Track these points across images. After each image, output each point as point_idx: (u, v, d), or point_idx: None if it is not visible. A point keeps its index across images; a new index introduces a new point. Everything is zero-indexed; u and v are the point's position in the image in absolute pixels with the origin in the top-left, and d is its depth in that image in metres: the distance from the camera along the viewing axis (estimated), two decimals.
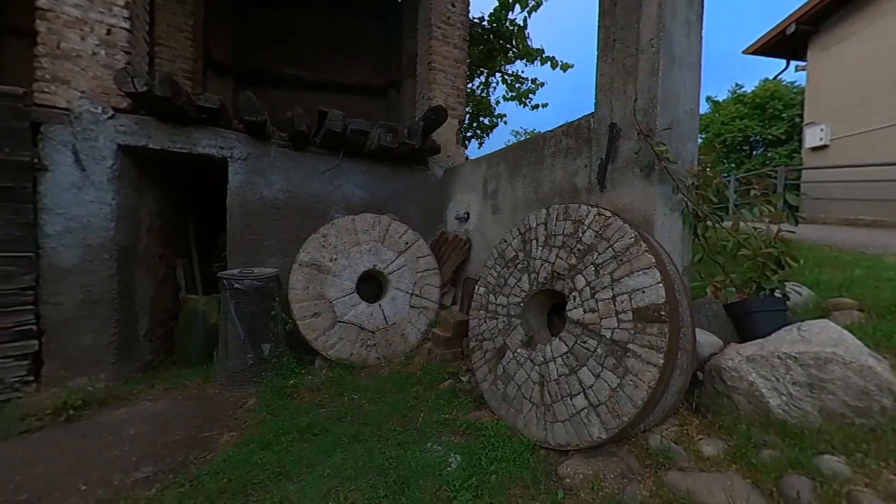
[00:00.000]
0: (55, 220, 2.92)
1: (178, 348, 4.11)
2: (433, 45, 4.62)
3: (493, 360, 2.57)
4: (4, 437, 2.38)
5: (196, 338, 4.03)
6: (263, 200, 3.69)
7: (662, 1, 2.11)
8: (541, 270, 2.39)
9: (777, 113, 15.56)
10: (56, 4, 2.92)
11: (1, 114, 2.69)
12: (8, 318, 2.76)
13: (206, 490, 1.84)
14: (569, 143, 2.78)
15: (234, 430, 2.51)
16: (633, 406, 1.65)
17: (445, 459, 1.98)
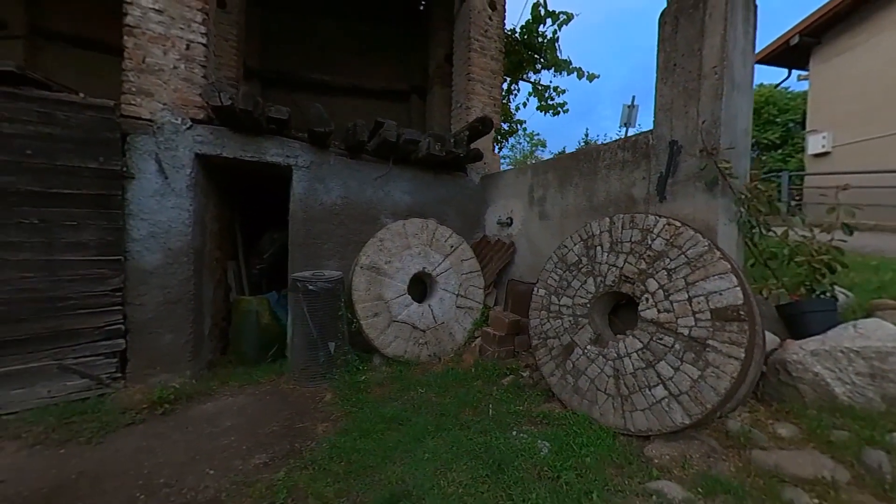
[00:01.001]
0: (140, 226, 3.10)
1: (233, 347, 4.29)
2: (472, 57, 4.84)
3: (560, 357, 2.80)
4: (113, 428, 2.55)
5: (250, 337, 4.22)
6: (323, 206, 3.88)
7: (726, 33, 2.36)
8: (608, 274, 2.63)
9: (771, 118, 15.92)
10: (142, 21, 3.09)
11: (95, 125, 2.86)
12: (100, 318, 2.93)
13: (331, 472, 2.05)
14: (625, 156, 3.02)
15: (326, 421, 2.71)
16: (715, 395, 1.90)
17: (534, 445, 2.20)
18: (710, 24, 2.44)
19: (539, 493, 1.79)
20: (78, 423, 2.55)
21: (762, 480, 1.64)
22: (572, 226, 3.45)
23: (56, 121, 2.72)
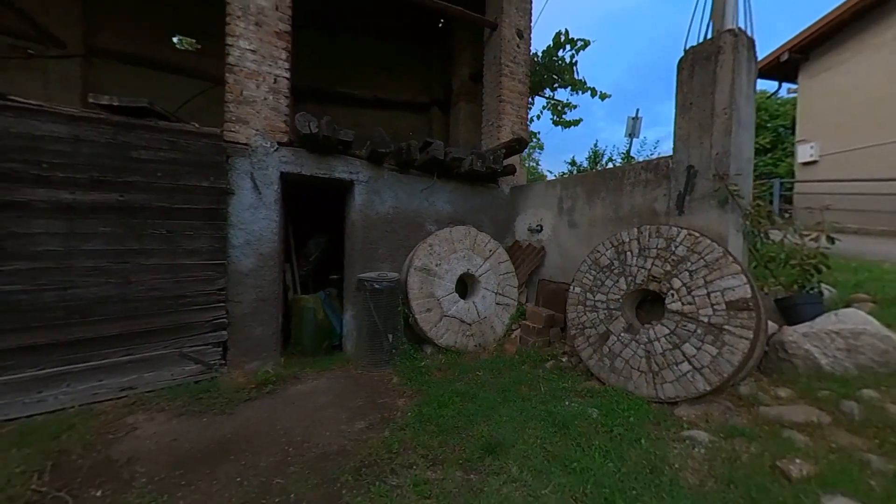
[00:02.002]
0: (238, 234, 3.63)
1: (294, 340, 4.82)
2: (503, 81, 5.42)
3: (597, 343, 3.38)
4: (235, 403, 3.08)
5: (308, 331, 4.77)
6: (378, 215, 4.43)
7: (733, 82, 2.97)
8: (637, 275, 3.22)
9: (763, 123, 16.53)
10: (241, 61, 3.63)
11: (207, 150, 3.40)
12: (209, 313, 3.46)
13: (426, 431, 2.60)
14: (648, 176, 3.62)
15: (402, 397, 3.27)
16: (731, 366, 2.49)
17: (586, 411, 2.78)
18: (721, 73, 3.04)
19: (599, 441, 2.36)
20: (206, 399, 3.08)
21: (767, 427, 2.24)
22: (599, 233, 4.05)
23: (179, 147, 3.25)
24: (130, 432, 2.62)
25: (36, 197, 2.73)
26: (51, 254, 2.79)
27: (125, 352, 3.09)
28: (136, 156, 3.08)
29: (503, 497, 1.88)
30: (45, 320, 2.78)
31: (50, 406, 2.78)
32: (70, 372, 2.87)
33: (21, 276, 2.70)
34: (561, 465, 2.15)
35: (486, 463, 2.20)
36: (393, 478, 2.09)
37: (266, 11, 3.74)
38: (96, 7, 6.68)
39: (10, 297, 2.66)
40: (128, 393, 3.08)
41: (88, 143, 2.90)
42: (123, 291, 3.06)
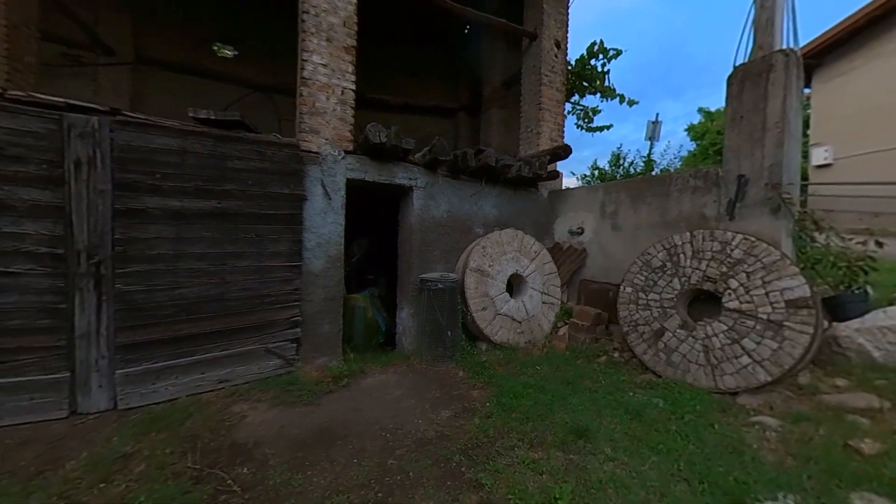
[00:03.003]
0: (311, 238, 3.87)
1: (346, 338, 5.07)
2: (542, 90, 5.67)
3: (651, 339, 3.64)
4: (319, 395, 3.32)
5: (359, 328, 5.03)
6: (433, 219, 4.68)
7: (785, 98, 3.21)
8: (692, 275, 3.47)
9: None
10: (314, 74, 3.88)
11: (287, 159, 3.64)
12: (287, 312, 3.70)
13: (512, 418, 2.85)
14: (697, 183, 3.86)
15: (475, 389, 3.51)
16: (791, 359, 2.74)
17: (651, 401, 3.03)
18: (773, 90, 3.29)
19: (674, 427, 2.61)
20: (293, 391, 3.32)
21: (830, 412, 2.49)
22: (645, 237, 4.30)
23: (265, 157, 3.49)
24: (241, 420, 2.86)
25: (151, 204, 2.97)
26: (162, 257, 3.03)
27: (222, 347, 3.33)
28: (232, 165, 3.32)
29: (607, 473, 2.13)
30: (158, 318, 3.02)
31: (162, 396, 3.03)
32: (178, 365, 3.11)
33: (138, 278, 2.94)
34: (647, 447, 2.40)
35: (580, 445, 2.45)
36: (501, 458, 2.34)
37: (336, 28, 3.98)
38: (143, 17, 6.91)
39: (130, 297, 2.91)
40: (224, 385, 3.32)
41: (193, 155, 3.14)
42: (221, 291, 3.31)
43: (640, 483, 2.03)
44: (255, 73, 8.10)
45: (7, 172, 2.53)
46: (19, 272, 2.59)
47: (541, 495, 1.93)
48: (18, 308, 2.58)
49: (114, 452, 2.33)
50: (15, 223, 2.57)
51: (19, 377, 2.58)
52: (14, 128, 2.55)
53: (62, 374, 2.72)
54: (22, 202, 2.58)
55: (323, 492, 2.04)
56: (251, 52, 8.04)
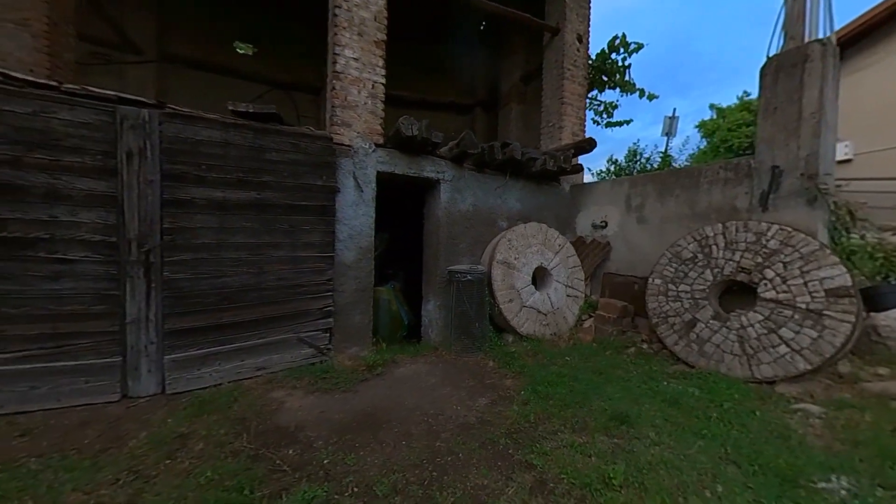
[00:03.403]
0: (342, 229, 3.94)
1: (372, 329, 5.14)
2: (564, 84, 5.68)
3: (682, 330, 3.65)
4: (355, 383, 3.38)
5: (385, 320, 5.10)
6: (460, 212, 4.72)
7: (822, 88, 3.20)
8: (725, 267, 3.47)
9: None
10: (346, 68, 3.93)
11: (321, 151, 3.70)
12: (320, 302, 3.77)
13: (550, 405, 2.88)
14: (727, 175, 3.86)
15: (507, 378, 3.55)
16: (832, 347, 2.74)
17: (687, 390, 3.05)
18: (809, 80, 3.28)
19: (715, 414, 2.63)
20: (328, 379, 3.39)
21: (874, 399, 2.49)
22: (673, 229, 4.30)
23: (300, 149, 3.56)
24: (281, 405, 2.93)
25: (196, 195, 3.05)
26: (206, 246, 3.11)
27: (259, 335, 3.41)
28: (269, 157, 3.39)
29: (656, 456, 2.16)
30: (203, 306, 3.10)
31: (206, 382, 3.11)
32: (220, 352, 3.19)
33: (185, 266, 3.02)
34: (690, 433, 2.42)
35: (623, 430, 2.48)
36: (546, 442, 2.38)
37: (367, 22, 4.03)
38: (167, 15, 7.03)
39: (177, 285, 2.99)
40: (261, 372, 3.40)
41: (235, 147, 3.21)
42: (258, 280, 3.38)
43: (690, 465, 2.06)
44: (274, 71, 8.20)
45: (65, 163, 2.62)
46: (75, 259, 2.68)
47: (593, 475, 1.96)
48: (75, 294, 2.67)
49: (171, 432, 2.41)
50: (72, 212, 2.66)
51: (76, 361, 2.68)
52: (71, 119, 2.63)
53: (115, 359, 2.81)
54: (78, 192, 2.66)
55: (378, 470, 2.10)
56: (270, 50, 8.14)
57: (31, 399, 2.55)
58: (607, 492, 1.85)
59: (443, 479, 2.03)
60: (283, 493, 1.88)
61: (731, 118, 20.63)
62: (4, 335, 2.50)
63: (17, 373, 2.52)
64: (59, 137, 2.60)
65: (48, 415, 2.54)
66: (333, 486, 1.94)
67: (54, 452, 2.13)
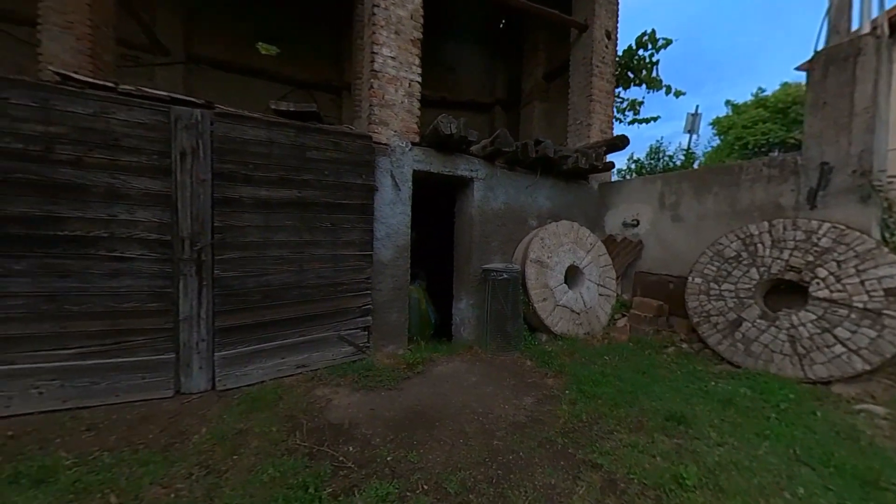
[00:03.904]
0: (380, 228, 3.94)
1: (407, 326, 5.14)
2: (593, 81, 5.63)
3: (726, 330, 3.59)
4: (398, 380, 3.38)
5: (415, 319, 5.09)
6: (492, 211, 4.71)
7: (876, 81, 3.13)
8: (772, 265, 3.41)
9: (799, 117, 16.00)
10: (383, 67, 3.94)
11: (360, 150, 3.71)
12: (359, 300, 3.78)
13: (599, 404, 2.85)
14: (771, 172, 3.79)
15: (548, 377, 3.53)
16: (894, 347, 2.67)
17: (737, 390, 3.00)
18: (861, 73, 3.20)
19: (773, 415, 2.58)
20: (371, 377, 3.39)
21: None
22: (711, 227, 4.23)
23: (340, 148, 3.57)
24: (328, 402, 2.95)
25: (244, 194, 3.08)
26: (253, 244, 3.14)
27: (300, 333, 3.43)
28: (310, 156, 3.41)
29: (722, 457, 2.13)
30: (249, 303, 3.13)
31: (252, 379, 3.14)
32: (264, 349, 3.22)
33: (233, 264, 3.05)
34: (752, 433, 2.38)
35: (681, 430, 2.45)
36: (604, 442, 2.36)
37: (404, 21, 4.03)
38: (194, 17, 7.11)
39: (226, 283, 3.02)
40: (302, 370, 3.42)
41: (278, 146, 3.23)
42: (299, 278, 3.40)
43: (762, 466, 2.02)
44: (296, 71, 8.26)
45: (123, 162, 2.66)
46: (133, 257, 2.72)
47: (665, 475, 1.94)
48: (132, 291, 2.71)
49: (231, 429, 2.43)
50: (129, 211, 2.70)
51: (134, 357, 2.72)
52: (128, 120, 2.67)
53: (169, 356, 2.84)
54: (136, 191, 2.70)
55: (443, 468, 2.10)
56: (292, 51, 8.20)
57: (91, 394, 2.60)
58: (682, 492, 1.82)
59: (509, 478, 2.02)
60: (354, 490, 1.88)
61: (746, 115, 20.18)
62: (67, 332, 2.54)
63: (79, 369, 2.57)
64: (117, 137, 2.64)
65: (109, 410, 2.58)
66: (403, 483, 1.94)
67: (124, 447, 2.16)
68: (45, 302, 2.49)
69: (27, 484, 1.78)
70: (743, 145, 18.82)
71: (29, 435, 2.21)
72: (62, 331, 2.53)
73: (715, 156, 19.16)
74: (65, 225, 2.54)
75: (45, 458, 1.97)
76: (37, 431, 2.25)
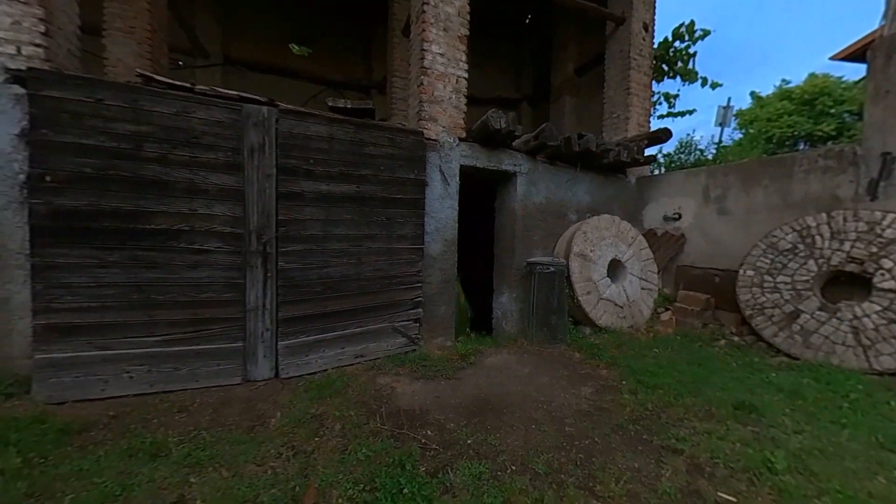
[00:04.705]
0: (430, 222, 4.01)
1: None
2: (631, 74, 5.60)
3: (783, 322, 3.56)
4: (454, 370, 3.45)
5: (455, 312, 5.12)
6: (534, 205, 4.74)
7: None
8: (831, 257, 3.36)
9: (826, 109, 15.30)
10: (433, 64, 4.00)
11: (413, 146, 3.78)
12: (411, 292, 3.87)
13: (662, 394, 2.86)
14: (827, 163, 3.73)
15: (603, 368, 3.55)
16: None
17: (800, 381, 2.98)
18: None
19: (845, 404, 2.56)
20: (428, 367, 3.47)
21: None
22: (762, 220, 4.18)
23: (395, 144, 3.65)
24: (393, 390, 3.03)
25: (306, 188, 3.18)
26: (314, 237, 3.24)
27: (358, 324, 3.52)
28: (367, 152, 3.50)
29: (804, 443, 2.13)
30: (311, 295, 3.24)
31: (313, 368, 3.25)
32: (325, 339, 3.33)
33: (296, 256, 3.16)
34: (828, 422, 2.37)
35: (753, 418, 2.45)
36: (677, 429, 2.38)
37: (452, 18, 4.09)
38: (230, 21, 7.31)
39: (289, 274, 3.13)
40: (360, 360, 3.52)
41: (338, 142, 3.33)
42: (357, 271, 3.50)
43: (847, 452, 2.02)
44: (326, 70, 8.41)
45: (202, 159, 2.78)
46: (210, 250, 2.84)
47: (753, 459, 1.96)
48: (210, 282, 2.84)
49: (304, 413, 2.53)
50: (208, 205, 2.82)
51: (211, 344, 2.85)
52: (206, 118, 2.79)
53: (238, 344, 2.97)
54: (213, 186, 2.83)
55: (523, 451, 2.15)
56: (323, 51, 8.35)
57: (175, 379, 2.74)
58: (773, 476, 1.84)
59: (592, 461, 2.06)
60: (447, 469, 1.95)
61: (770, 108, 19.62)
62: (154, 320, 2.68)
63: (164, 355, 2.71)
64: (197, 135, 2.77)
65: (192, 394, 2.71)
66: (490, 464, 2.01)
67: (218, 427, 2.28)
68: (134, 291, 2.63)
69: (144, 458, 1.90)
70: (768, 138, 18.32)
71: (129, 415, 2.34)
72: (149, 319, 2.67)
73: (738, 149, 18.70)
74: (152, 219, 2.68)
75: (152, 435, 2.09)
76: (134, 412, 2.39)
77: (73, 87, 2.44)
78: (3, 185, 2.35)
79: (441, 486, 1.79)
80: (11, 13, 2.34)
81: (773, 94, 20.19)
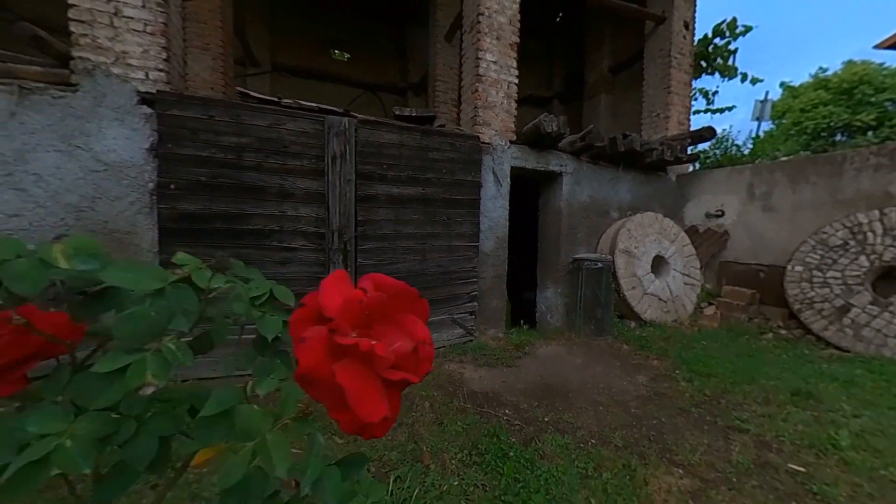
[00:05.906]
0: (483, 221, 4.26)
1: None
2: (671, 73, 5.68)
3: (833, 316, 3.66)
4: (511, 359, 3.70)
5: None
6: (579, 203, 4.92)
7: None
8: (884, 253, 3.44)
9: (866, 98, 14.63)
10: (486, 71, 4.23)
11: (471, 149, 4.03)
12: (468, 287, 4.13)
13: (714, 382, 3.03)
14: (880, 160, 3.78)
15: (654, 359, 3.73)
16: None
17: (854, 371, 3.10)
18: None
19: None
20: (488, 356, 3.73)
21: None
22: (809, 217, 4.25)
23: (455, 148, 3.91)
24: (461, 375, 3.30)
25: (380, 191, 3.48)
26: (386, 236, 3.54)
27: None
28: (431, 156, 3.77)
29: (864, 426, 2.29)
30: None
31: None
32: None
33: (371, 254, 3.47)
34: (885, 408, 2.51)
35: (811, 404, 2.61)
36: (738, 412, 2.56)
37: (504, 27, 4.30)
38: (277, 30, 7.69)
39: (365, 271, 3.43)
40: None
41: (406, 148, 3.61)
42: (422, 267, 3.78)
43: None
44: (363, 74, 8.72)
45: (290, 166, 3.11)
46: (297, 248, 3.17)
47: (818, 437, 2.14)
48: (298, 277, 3.17)
49: None
50: (295, 208, 3.15)
51: None
52: (293, 129, 3.11)
53: None
54: (300, 190, 3.15)
55: (598, 427, 2.39)
56: (359, 55, 8.67)
57: None
58: (839, 451, 2.02)
59: (664, 438, 2.28)
60: (534, 441, 2.21)
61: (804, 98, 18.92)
62: None
63: None
64: (286, 145, 3.09)
65: None
66: (572, 437, 2.25)
67: None
68: None
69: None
70: (801, 130, 17.69)
71: None
72: None
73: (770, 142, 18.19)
74: (250, 220, 3.02)
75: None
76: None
77: (191, 106, 2.78)
78: (137, 193, 2.71)
79: (537, 453, 2.05)
80: (141, 43, 2.70)
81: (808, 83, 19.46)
